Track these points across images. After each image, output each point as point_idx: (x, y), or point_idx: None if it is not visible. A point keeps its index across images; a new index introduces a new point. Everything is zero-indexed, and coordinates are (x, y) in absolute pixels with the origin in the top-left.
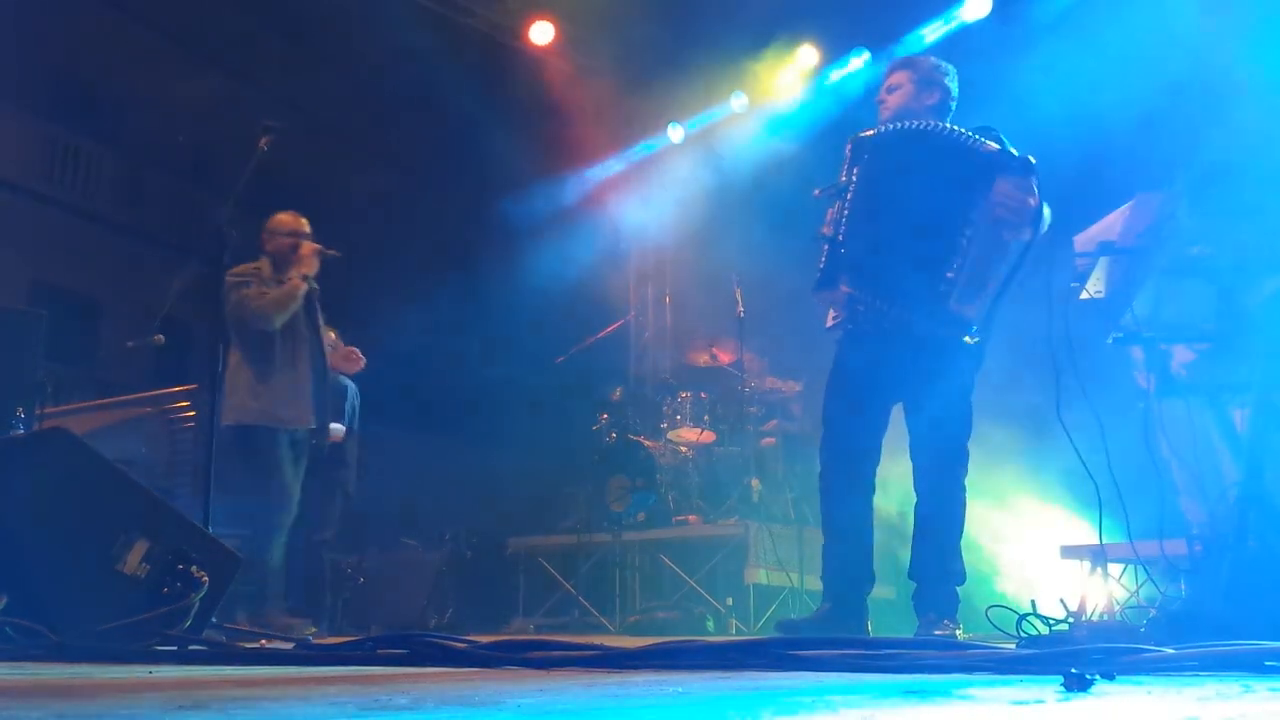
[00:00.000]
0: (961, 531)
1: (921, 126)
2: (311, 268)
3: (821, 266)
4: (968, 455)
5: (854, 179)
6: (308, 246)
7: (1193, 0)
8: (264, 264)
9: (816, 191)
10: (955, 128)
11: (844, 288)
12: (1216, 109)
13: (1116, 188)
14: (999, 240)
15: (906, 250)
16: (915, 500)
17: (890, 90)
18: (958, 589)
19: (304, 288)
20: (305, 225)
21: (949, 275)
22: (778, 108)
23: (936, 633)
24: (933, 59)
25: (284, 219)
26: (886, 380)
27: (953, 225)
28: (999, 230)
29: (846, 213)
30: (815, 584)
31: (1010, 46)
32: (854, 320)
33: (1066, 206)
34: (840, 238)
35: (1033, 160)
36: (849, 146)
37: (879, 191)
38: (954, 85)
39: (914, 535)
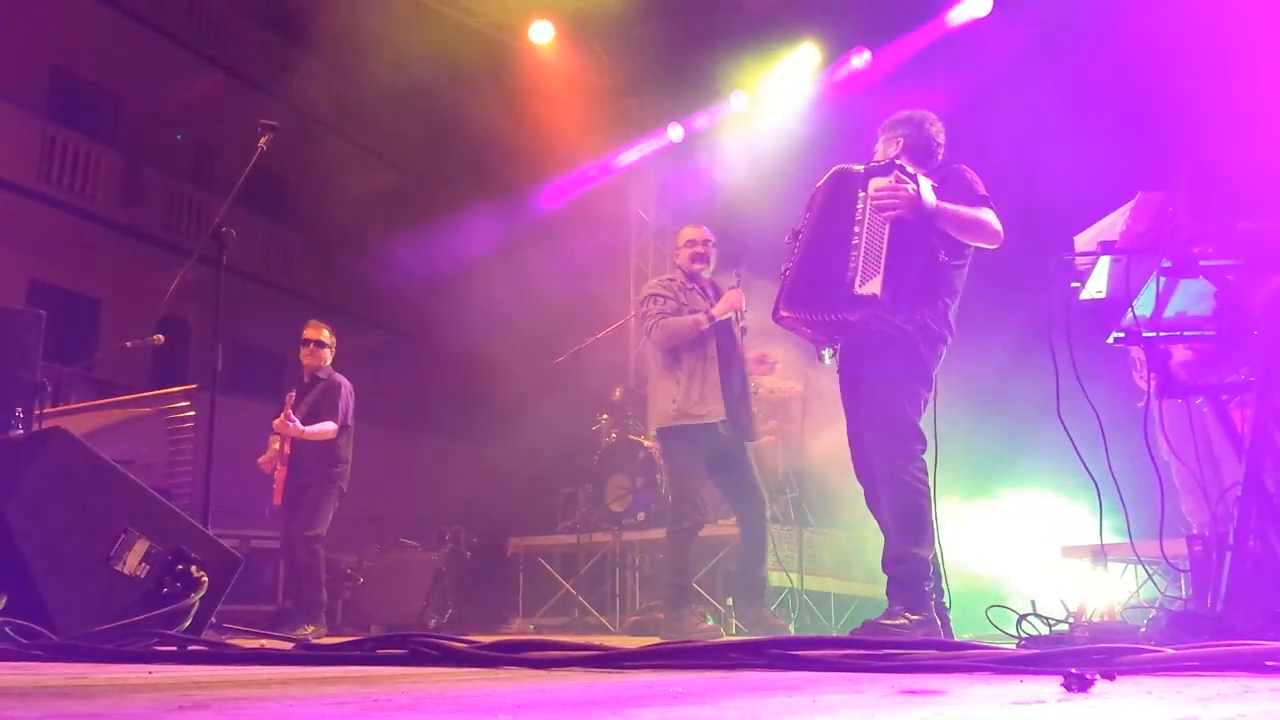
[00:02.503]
0: (915, 519)
1: (833, 172)
2: (722, 313)
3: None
4: (916, 442)
5: (805, 222)
6: (735, 296)
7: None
8: (677, 275)
9: (788, 238)
10: (847, 165)
11: (783, 312)
12: (1218, 106)
13: (1117, 186)
14: (881, 223)
15: (828, 269)
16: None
17: (873, 155)
18: (921, 580)
19: (704, 326)
20: (711, 241)
21: (850, 267)
22: (778, 106)
23: (884, 621)
24: (900, 113)
25: (694, 233)
26: (857, 383)
27: (848, 232)
28: (879, 215)
29: (797, 251)
30: (815, 584)
31: (1011, 45)
32: (817, 341)
33: (1067, 206)
34: (788, 272)
35: (898, 162)
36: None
37: (818, 230)
38: (924, 128)
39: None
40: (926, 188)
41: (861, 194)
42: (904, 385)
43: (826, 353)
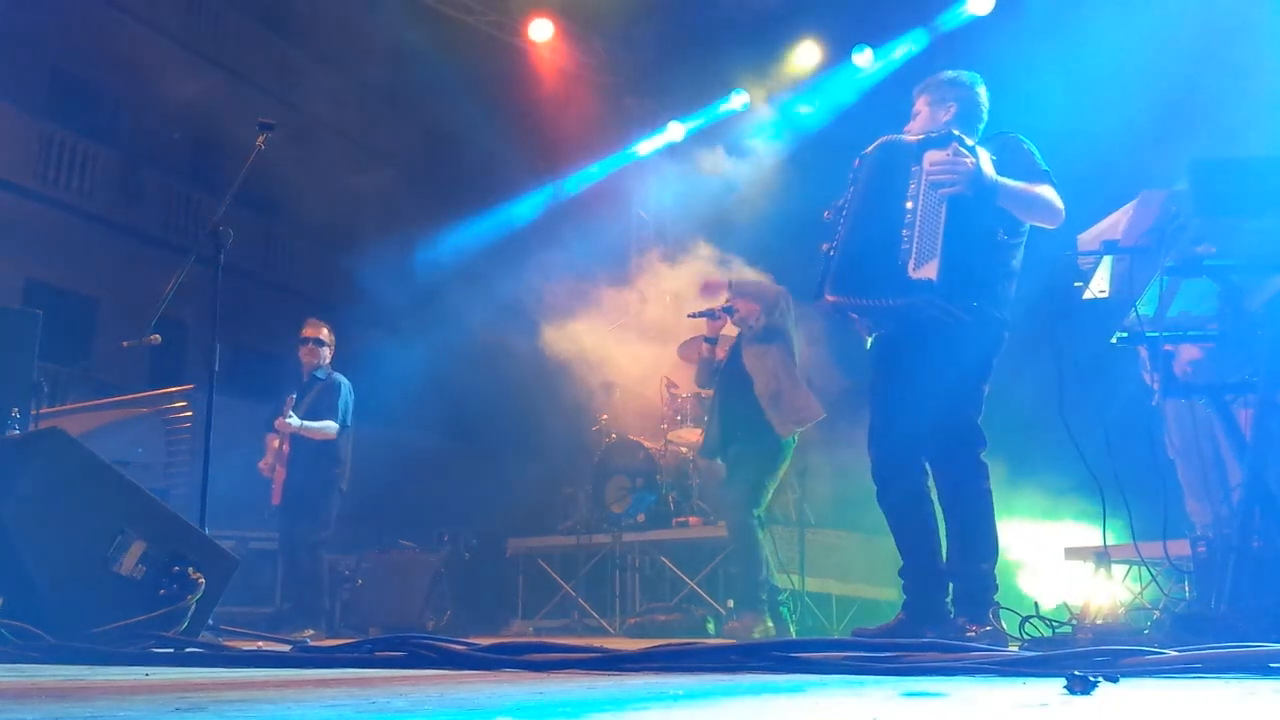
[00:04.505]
0: (979, 532)
1: (883, 142)
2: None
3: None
4: (977, 444)
5: (848, 198)
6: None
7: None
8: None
9: (826, 214)
10: (897, 135)
11: (829, 297)
12: (1221, 105)
13: (1120, 185)
14: (937, 200)
15: (877, 248)
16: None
17: (913, 117)
18: (986, 594)
19: (703, 350)
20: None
21: (904, 248)
22: (779, 105)
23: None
24: (948, 74)
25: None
26: (898, 373)
27: (901, 207)
28: (935, 191)
29: (841, 228)
30: (816, 585)
31: (1012, 44)
32: (864, 326)
33: (1070, 205)
34: (832, 252)
35: (955, 132)
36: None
37: (865, 206)
38: (976, 92)
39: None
40: (986, 161)
41: (915, 168)
42: (963, 383)
43: (869, 339)
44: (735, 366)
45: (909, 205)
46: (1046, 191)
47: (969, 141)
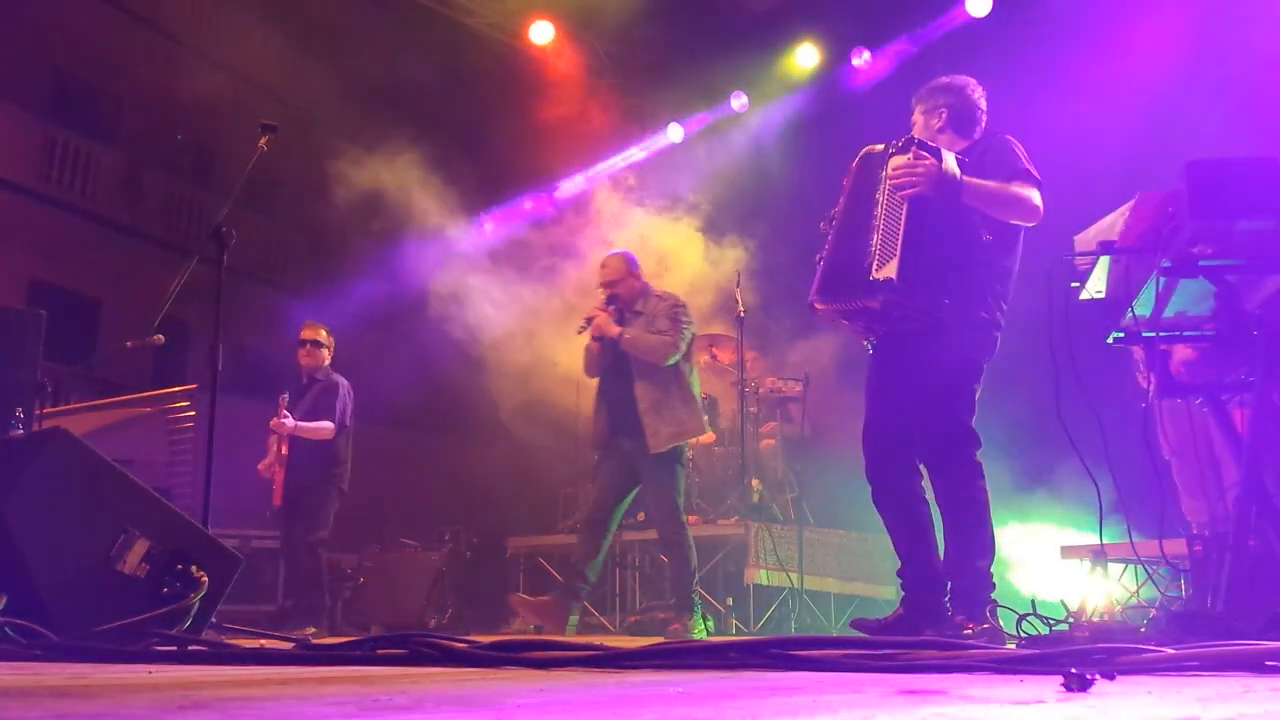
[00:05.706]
0: (974, 531)
1: (862, 154)
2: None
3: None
4: (970, 446)
5: (837, 209)
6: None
7: (1192, 2)
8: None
9: (823, 225)
10: (872, 146)
11: (816, 305)
12: (1216, 106)
13: (1117, 187)
14: (898, 203)
15: (854, 255)
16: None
17: (912, 126)
18: (983, 592)
19: (592, 348)
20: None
21: (869, 251)
22: (778, 107)
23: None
24: (939, 81)
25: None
26: (890, 375)
27: (869, 214)
28: (896, 194)
29: (828, 238)
30: (815, 584)
31: (1010, 45)
32: (858, 331)
33: (1067, 206)
34: (820, 262)
35: (915, 137)
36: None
37: (846, 216)
38: (967, 95)
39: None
40: (950, 162)
41: (882, 174)
42: (950, 384)
43: (868, 343)
44: (616, 347)
45: (875, 211)
46: (1021, 189)
47: (931, 145)
